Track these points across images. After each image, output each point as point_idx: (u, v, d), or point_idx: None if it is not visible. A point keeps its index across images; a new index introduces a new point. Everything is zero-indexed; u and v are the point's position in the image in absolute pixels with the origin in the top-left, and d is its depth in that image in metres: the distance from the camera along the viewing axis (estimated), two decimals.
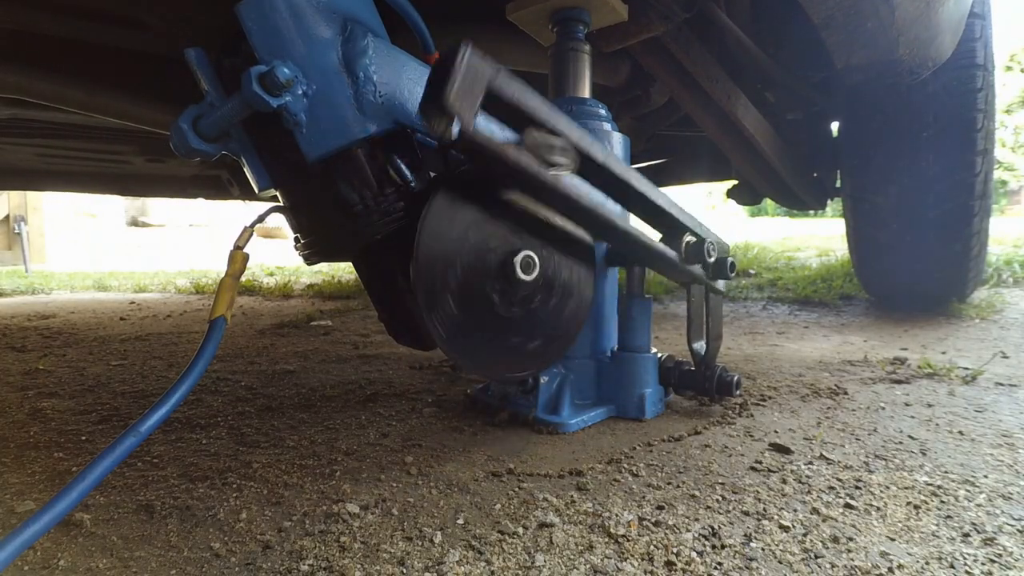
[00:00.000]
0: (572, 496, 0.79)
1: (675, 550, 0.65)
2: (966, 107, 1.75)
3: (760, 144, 1.73)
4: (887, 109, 1.85)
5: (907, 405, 1.18)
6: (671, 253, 1.00)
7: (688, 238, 1.03)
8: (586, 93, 1.16)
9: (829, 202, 2.33)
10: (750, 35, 1.49)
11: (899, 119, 1.83)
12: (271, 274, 5.13)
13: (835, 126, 2.18)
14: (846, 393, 1.26)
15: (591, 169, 0.81)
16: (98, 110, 1.34)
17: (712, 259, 1.05)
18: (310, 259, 0.76)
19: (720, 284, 1.17)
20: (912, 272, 2.10)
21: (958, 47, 1.65)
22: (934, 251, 1.97)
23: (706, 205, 17.76)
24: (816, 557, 0.64)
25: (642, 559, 0.64)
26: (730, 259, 1.11)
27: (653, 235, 1.06)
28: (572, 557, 0.65)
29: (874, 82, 1.29)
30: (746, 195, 2.36)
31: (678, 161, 2.66)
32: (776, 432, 1.03)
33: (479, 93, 0.62)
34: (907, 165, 1.87)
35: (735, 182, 2.41)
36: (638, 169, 2.75)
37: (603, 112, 1.13)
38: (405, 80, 0.70)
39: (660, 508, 0.75)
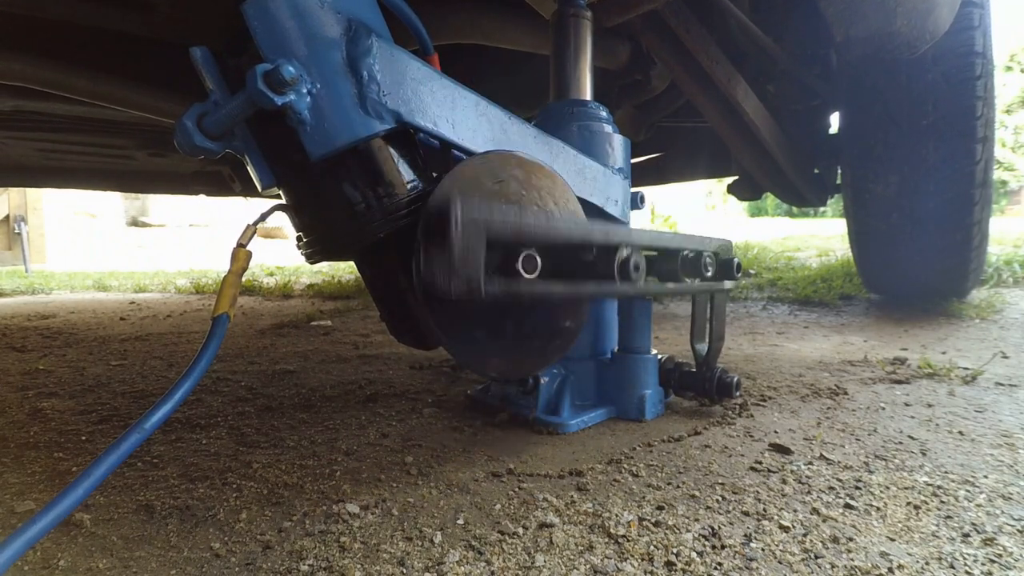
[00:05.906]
0: (572, 496, 0.79)
1: (675, 550, 0.65)
2: (965, 95, 1.74)
3: (761, 132, 1.72)
4: (887, 97, 1.84)
5: (907, 405, 1.18)
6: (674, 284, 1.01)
7: (686, 254, 1.02)
8: (587, 63, 1.14)
9: (829, 199, 2.32)
10: (751, 20, 1.49)
11: (899, 107, 1.82)
12: (271, 274, 5.13)
13: (835, 123, 2.18)
14: (846, 393, 1.26)
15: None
16: (102, 98, 1.33)
17: (712, 271, 1.05)
18: (312, 258, 0.76)
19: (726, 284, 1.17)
20: (913, 263, 2.08)
21: (957, 36, 1.64)
22: (935, 241, 1.95)
23: (706, 205, 17.75)
24: (816, 557, 0.64)
25: (642, 559, 0.64)
26: (736, 260, 1.11)
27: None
28: (572, 557, 0.65)
29: (873, 56, 1.29)
30: (747, 189, 2.34)
31: (677, 156, 2.64)
32: (776, 432, 1.03)
33: (482, 249, 0.63)
34: (907, 154, 1.86)
35: (735, 178, 2.40)
36: (637, 164, 2.75)
37: (604, 114, 1.13)
38: (408, 80, 0.71)
39: (660, 508, 0.76)
